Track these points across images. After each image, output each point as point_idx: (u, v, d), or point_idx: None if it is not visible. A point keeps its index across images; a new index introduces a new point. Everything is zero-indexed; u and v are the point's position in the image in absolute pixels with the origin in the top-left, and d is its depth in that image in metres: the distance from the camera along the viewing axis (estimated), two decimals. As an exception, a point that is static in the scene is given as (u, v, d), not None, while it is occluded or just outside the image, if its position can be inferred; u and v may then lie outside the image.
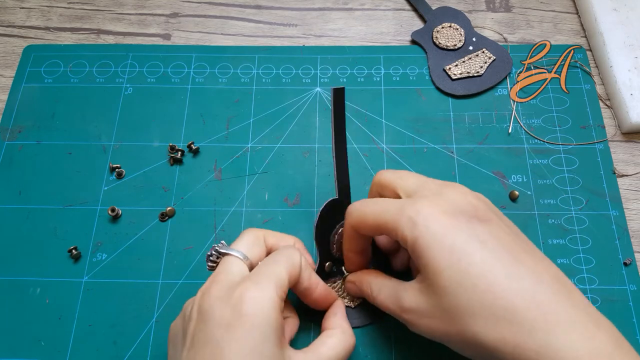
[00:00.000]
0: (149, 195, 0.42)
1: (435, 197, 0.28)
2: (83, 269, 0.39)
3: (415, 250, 0.27)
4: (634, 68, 0.45)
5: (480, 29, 0.49)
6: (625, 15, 0.47)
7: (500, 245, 0.27)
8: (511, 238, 0.28)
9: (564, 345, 0.23)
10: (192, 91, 0.46)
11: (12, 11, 0.51)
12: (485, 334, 0.25)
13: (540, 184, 0.42)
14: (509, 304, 0.25)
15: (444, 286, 0.26)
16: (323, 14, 0.51)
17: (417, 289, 0.28)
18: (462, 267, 0.26)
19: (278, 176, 0.42)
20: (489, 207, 0.29)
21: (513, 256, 0.26)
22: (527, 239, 0.29)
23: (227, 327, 0.26)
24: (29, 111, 0.45)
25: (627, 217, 0.40)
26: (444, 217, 0.27)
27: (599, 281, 0.38)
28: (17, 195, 0.42)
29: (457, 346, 0.27)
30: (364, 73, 0.47)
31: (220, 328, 0.26)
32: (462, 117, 0.45)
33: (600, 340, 0.24)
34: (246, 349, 0.25)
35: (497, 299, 0.25)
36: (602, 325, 0.25)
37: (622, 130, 0.44)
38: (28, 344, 0.36)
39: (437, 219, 0.27)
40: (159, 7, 0.51)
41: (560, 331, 0.24)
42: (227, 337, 0.26)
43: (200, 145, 0.43)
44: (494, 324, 0.25)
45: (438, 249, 0.27)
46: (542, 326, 0.24)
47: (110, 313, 0.37)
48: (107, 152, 0.43)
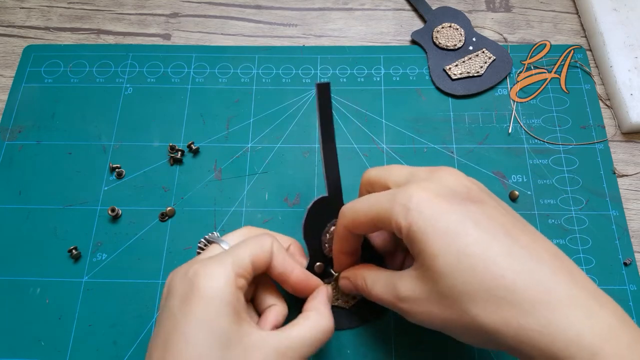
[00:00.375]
0: (149, 195, 0.42)
1: (427, 182, 0.28)
2: (83, 269, 0.39)
3: (409, 236, 0.27)
4: (634, 68, 0.45)
5: (480, 29, 0.49)
6: (625, 15, 0.47)
7: (495, 225, 0.26)
8: (507, 218, 0.27)
9: (567, 324, 0.23)
10: (192, 91, 0.46)
11: (12, 11, 0.51)
12: (485, 317, 0.24)
13: (540, 184, 0.42)
14: (508, 283, 0.24)
15: (440, 270, 0.25)
16: (323, 14, 0.51)
17: (414, 276, 0.28)
18: (458, 249, 0.25)
19: (278, 176, 0.42)
20: (482, 189, 0.29)
21: (510, 235, 0.26)
22: (524, 220, 0.28)
23: (183, 301, 0.27)
24: (29, 111, 0.45)
25: (627, 217, 0.40)
26: (436, 200, 0.27)
27: (599, 281, 0.38)
28: (17, 195, 0.42)
29: (456, 332, 0.27)
30: (364, 73, 0.47)
31: (178, 301, 0.27)
32: (462, 117, 0.45)
33: (604, 318, 0.23)
34: (199, 323, 0.26)
35: (496, 279, 0.24)
36: (605, 303, 0.24)
37: (622, 130, 0.44)
38: (28, 344, 0.36)
39: (429, 203, 0.26)
40: (159, 7, 0.51)
41: (562, 310, 0.23)
42: (183, 311, 0.26)
43: (200, 145, 0.44)
44: (494, 306, 0.24)
45: (432, 233, 0.26)
46: (544, 305, 0.23)
47: (111, 313, 0.37)
48: (107, 152, 0.43)
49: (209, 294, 0.26)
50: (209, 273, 0.27)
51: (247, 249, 0.29)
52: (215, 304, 0.26)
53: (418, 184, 0.28)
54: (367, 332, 0.36)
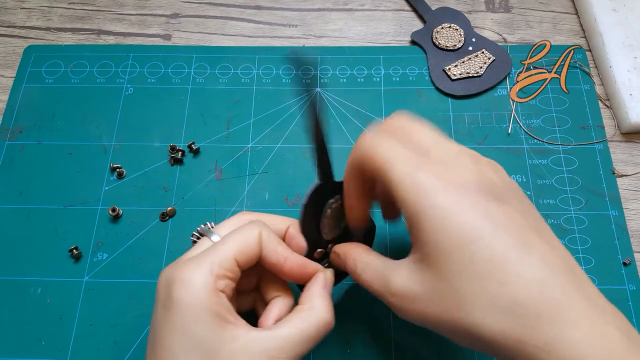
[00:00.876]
0: (150, 195, 0.42)
1: (449, 168, 0.25)
2: (84, 269, 0.39)
3: (416, 222, 0.25)
4: (634, 68, 0.45)
5: (480, 30, 0.49)
6: (624, 15, 0.47)
7: (514, 230, 0.24)
8: (527, 222, 0.25)
9: (571, 343, 0.21)
10: (192, 91, 0.46)
11: (12, 11, 0.51)
12: (484, 325, 0.23)
13: (539, 184, 0.42)
14: (516, 295, 0.22)
15: (446, 269, 0.24)
16: (323, 15, 0.51)
17: (411, 269, 0.26)
18: (470, 250, 0.23)
19: (278, 176, 0.42)
20: (507, 184, 0.26)
21: (526, 243, 0.24)
22: (544, 222, 0.26)
23: (163, 308, 0.26)
24: (29, 111, 0.45)
25: (627, 217, 0.40)
26: (455, 192, 0.24)
27: (599, 281, 0.38)
28: (17, 196, 0.42)
29: (448, 334, 0.25)
30: (363, 73, 0.47)
31: (160, 308, 0.27)
32: (461, 118, 0.45)
33: (611, 338, 0.22)
34: (178, 333, 0.25)
35: (504, 288, 0.23)
36: (613, 321, 0.23)
37: (621, 130, 0.44)
38: (29, 344, 0.36)
39: (448, 193, 0.24)
40: (159, 7, 0.51)
41: (568, 330, 0.22)
42: (164, 319, 0.26)
43: (201, 145, 0.44)
44: (497, 315, 0.23)
45: (444, 227, 0.24)
46: (549, 322, 0.22)
47: (111, 313, 0.37)
48: (108, 152, 0.44)
49: (185, 302, 0.26)
50: (185, 278, 0.26)
51: (229, 245, 0.28)
52: (192, 311, 0.25)
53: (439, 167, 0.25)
54: (368, 332, 0.36)
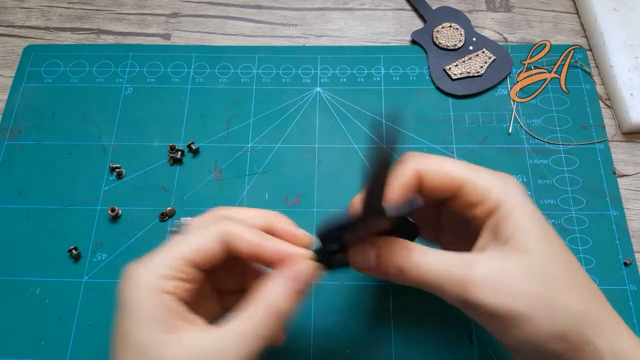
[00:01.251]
0: (149, 195, 0.42)
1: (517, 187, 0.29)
2: (83, 269, 0.39)
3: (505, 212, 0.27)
4: (634, 68, 0.45)
5: (481, 29, 0.49)
6: (625, 15, 0.47)
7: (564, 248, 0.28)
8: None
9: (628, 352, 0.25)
10: (192, 91, 0.46)
11: (12, 11, 0.51)
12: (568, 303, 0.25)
13: (540, 184, 0.42)
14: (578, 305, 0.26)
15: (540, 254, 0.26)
16: (323, 14, 0.51)
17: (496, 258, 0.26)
18: (553, 242, 0.26)
19: (278, 176, 0.42)
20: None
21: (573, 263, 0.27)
22: None
23: (117, 310, 0.26)
24: (29, 111, 0.45)
25: (627, 217, 0.40)
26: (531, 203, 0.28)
27: (599, 281, 0.38)
28: (17, 195, 0.42)
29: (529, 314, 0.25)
30: (364, 73, 0.47)
31: (117, 310, 0.26)
32: (462, 117, 0.45)
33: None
34: (123, 337, 0.25)
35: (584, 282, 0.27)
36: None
37: (622, 130, 0.44)
38: (28, 344, 0.36)
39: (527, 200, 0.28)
40: (158, 7, 0.51)
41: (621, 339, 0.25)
42: (116, 322, 0.26)
43: (200, 145, 0.44)
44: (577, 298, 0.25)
45: (532, 220, 0.26)
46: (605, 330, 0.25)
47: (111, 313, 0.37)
48: (107, 152, 0.43)
49: (129, 305, 0.25)
50: (132, 281, 0.26)
51: (182, 245, 0.26)
52: (136, 314, 0.25)
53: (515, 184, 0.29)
54: (368, 332, 0.36)
